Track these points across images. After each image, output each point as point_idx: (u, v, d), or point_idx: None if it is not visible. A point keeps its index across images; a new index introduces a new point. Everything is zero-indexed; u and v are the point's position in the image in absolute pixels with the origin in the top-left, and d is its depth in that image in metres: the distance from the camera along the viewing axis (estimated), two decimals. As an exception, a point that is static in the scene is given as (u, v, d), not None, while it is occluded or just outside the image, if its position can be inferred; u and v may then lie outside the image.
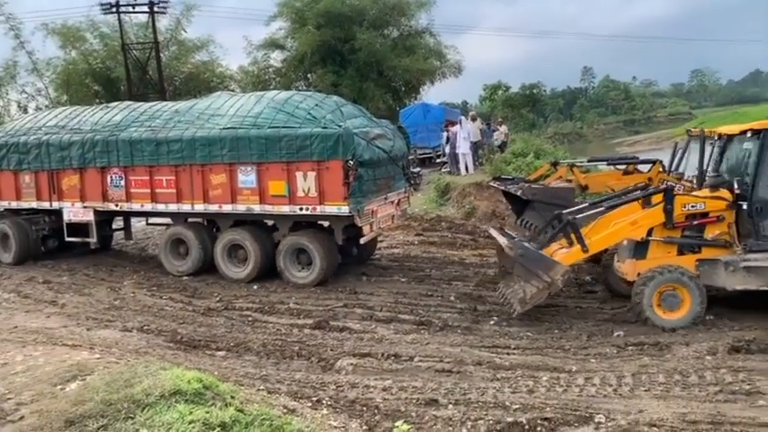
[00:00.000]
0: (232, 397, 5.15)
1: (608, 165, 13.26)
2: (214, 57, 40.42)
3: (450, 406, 6.15)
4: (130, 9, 35.32)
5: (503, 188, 12.58)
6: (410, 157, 16.14)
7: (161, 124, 12.05)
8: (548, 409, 5.95)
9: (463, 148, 21.09)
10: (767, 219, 8.32)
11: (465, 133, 21.04)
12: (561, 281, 8.21)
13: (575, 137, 58.85)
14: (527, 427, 5.60)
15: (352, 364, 7.38)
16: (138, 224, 14.80)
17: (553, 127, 60.57)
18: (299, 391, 6.58)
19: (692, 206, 8.44)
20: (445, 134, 23.31)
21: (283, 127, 10.79)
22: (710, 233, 8.53)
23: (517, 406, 6.05)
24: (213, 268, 11.86)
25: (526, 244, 8.74)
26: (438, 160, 26.32)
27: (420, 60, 34.99)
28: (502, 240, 9.22)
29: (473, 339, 8.23)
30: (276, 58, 38.56)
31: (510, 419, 5.72)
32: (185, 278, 11.90)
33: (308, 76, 37.58)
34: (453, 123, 22.73)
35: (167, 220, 12.74)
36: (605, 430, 5.48)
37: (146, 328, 8.98)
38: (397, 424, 5.04)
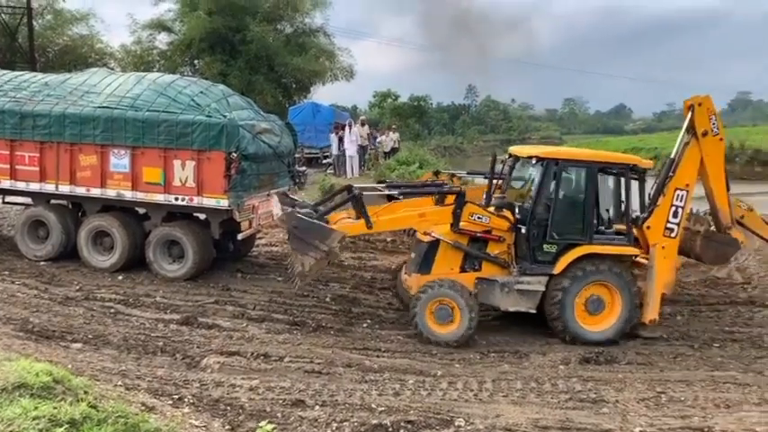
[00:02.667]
0: (85, 392, 4.83)
1: (485, 178, 13.82)
2: (94, 31, 38.06)
3: (317, 407, 6.16)
4: (2, -31, 32.52)
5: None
6: (296, 156, 15.98)
7: (27, 96, 11.16)
8: (412, 411, 6.11)
9: (350, 151, 21.31)
10: (542, 244, 8.69)
11: (353, 137, 21.30)
12: (338, 248, 8.27)
13: (455, 151, 60.94)
14: (390, 429, 5.71)
15: (218, 362, 7.19)
16: (-8, 202, 13.58)
17: (436, 139, 62.32)
18: (161, 389, 6.33)
19: (478, 217, 8.70)
20: (334, 135, 23.41)
21: (163, 111, 10.33)
22: (492, 251, 8.85)
23: (383, 408, 6.16)
24: (75, 255, 11.12)
25: (300, 214, 8.52)
26: (324, 161, 26.31)
27: (312, 61, 34.79)
28: (276, 211, 9.16)
29: (345, 341, 8.29)
30: (162, 40, 36.84)
31: (375, 421, 5.81)
32: (43, 263, 11.07)
33: (195, 62, 36.26)
34: (343, 126, 22.92)
35: (27, 200, 11.78)
36: (464, 433, 5.69)
37: (-8, 315, 8.26)
38: (261, 424, 4.97)
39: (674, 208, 8.68)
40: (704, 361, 8.17)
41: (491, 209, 8.91)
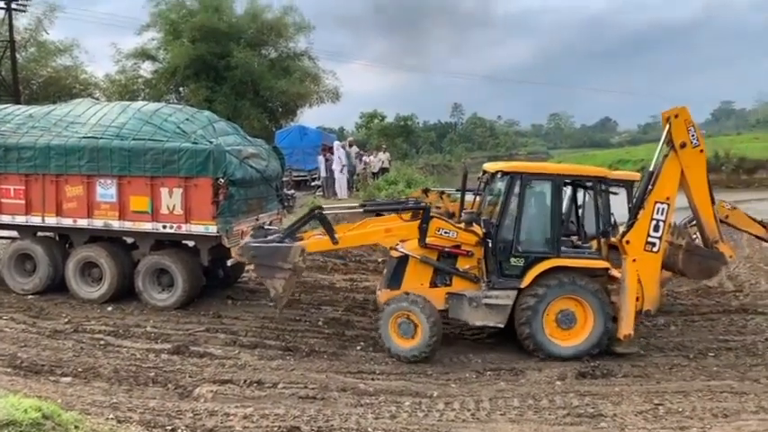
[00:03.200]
0: (76, 427, 4.77)
1: (474, 195, 13.88)
2: (78, 62, 38.20)
3: (313, 433, 6.06)
4: (-16, 4, 32.56)
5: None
6: (285, 179, 15.97)
7: (12, 129, 11.11)
8: (408, 434, 6.02)
9: (337, 173, 21.42)
10: (509, 258, 8.64)
11: (338, 158, 21.46)
12: (302, 261, 8.42)
13: (443, 169, 61.23)
14: (388, 452, 5.62)
15: (211, 391, 7.09)
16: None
17: (424, 158, 62.71)
18: (153, 420, 6.22)
19: (446, 232, 8.72)
20: (322, 158, 23.50)
21: (149, 140, 10.30)
22: (462, 266, 8.82)
23: (379, 432, 6.07)
24: (63, 287, 10.99)
25: (255, 243, 8.77)
26: (313, 183, 26.33)
27: (296, 83, 34.97)
28: (240, 243, 9.14)
29: (339, 365, 8.21)
30: (147, 68, 36.95)
31: (372, 446, 5.72)
32: (31, 297, 10.93)
33: (181, 89, 36.35)
34: (330, 148, 23.04)
35: (13, 233, 11.67)
36: (463, 454, 5.62)
37: (-21, 351, 8.13)
38: (256, 453, 4.89)
39: (654, 222, 8.45)
40: (700, 371, 8.14)
41: (460, 224, 8.93)
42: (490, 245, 8.65)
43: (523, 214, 8.62)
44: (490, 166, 9.60)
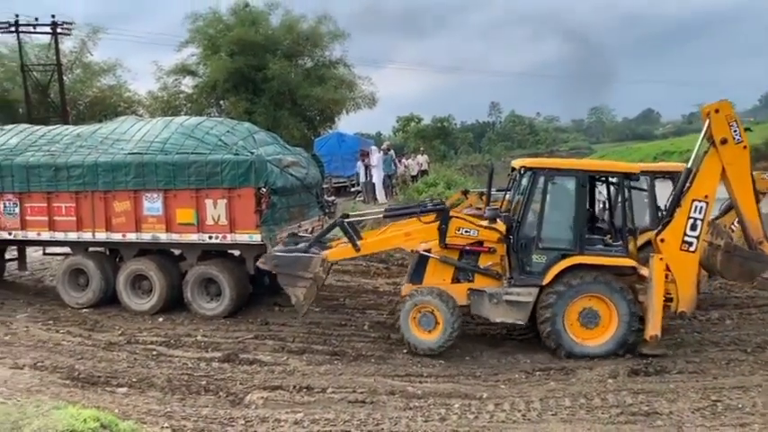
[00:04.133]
0: (133, 436, 4.86)
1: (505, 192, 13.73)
2: (121, 81, 39.28)
3: (363, 437, 6.07)
4: (31, 29, 33.74)
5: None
6: (325, 186, 16.10)
7: (61, 149, 11.48)
8: (459, 436, 5.98)
9: (375, 178, 21.52)
10: (530, 254, 8.51)
11: (375, 162, 21.58)
12: (322, 271, 8.73)
13: (483, 169, 60.91)
14: (439, 455, 5.59)
15: (262, 397, 7.17)
16: (34, 254, 13.90)
17: (463, 159, 62.37)
18: (206, 428, 6.34)
19: (466, 231, 8.70)
20: (361, 163, 23.63)
21: (192, 153, 10.52)
22: (484, 262, 8.75)
23: (429, 435, 6.05)
24: (115, 300, 11.29)
25: (277, 251, 9.19)
26: (353, 189, 26.46)
27: (331, 90, 35.19)
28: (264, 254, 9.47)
29: (386, 368, 8.21)
30: (187, 84, 37.63)
31: (422, 449, 5.70)
32: (85, 311, 11.25)
33: (221, 103, 36.95)
34: (369, 154, 23.17)
35: (66, 250, 12.05)
36: (515, 456, 5.55)
37: (39, 364, 8.40)
38: (308, 458, 4.92)
39: (691, 220, 8.14)
40: (759, 365, 7.87)
41: (483, 221, 8.89)
42: (512, 241, 8.59)
43: (546, 210, 8.53)
44: (516, 163, 9.53)
